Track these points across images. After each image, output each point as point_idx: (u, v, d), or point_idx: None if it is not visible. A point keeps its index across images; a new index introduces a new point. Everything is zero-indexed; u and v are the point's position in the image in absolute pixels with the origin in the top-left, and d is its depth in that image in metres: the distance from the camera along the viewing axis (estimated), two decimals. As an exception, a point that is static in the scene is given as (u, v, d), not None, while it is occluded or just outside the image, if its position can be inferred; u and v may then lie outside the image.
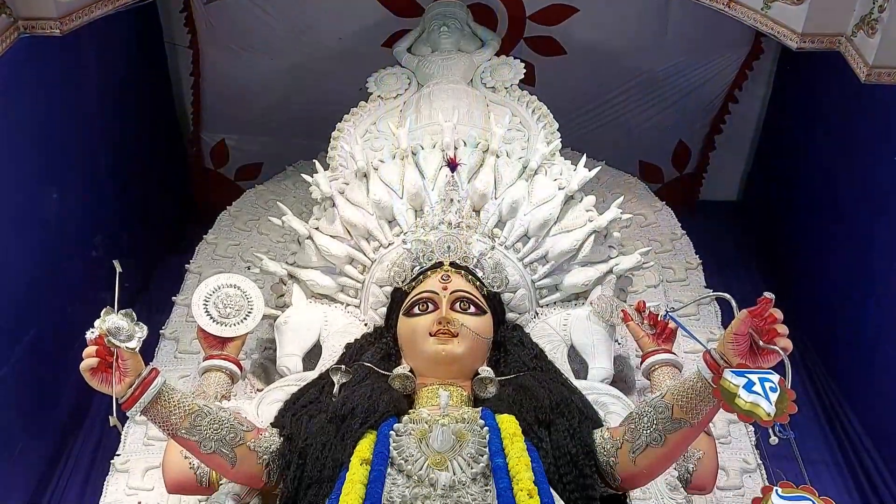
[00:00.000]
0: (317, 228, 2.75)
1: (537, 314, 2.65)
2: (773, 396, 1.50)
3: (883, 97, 2.81)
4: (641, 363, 2.46)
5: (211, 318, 2.47)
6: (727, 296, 1.83)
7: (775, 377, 1.54)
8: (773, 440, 1.49)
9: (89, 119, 3.30)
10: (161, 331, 2.93)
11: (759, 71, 3.95)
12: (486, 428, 1.86)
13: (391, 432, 1.85)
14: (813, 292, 3.49)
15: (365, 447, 1.81)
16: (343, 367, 2.22)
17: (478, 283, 2.39)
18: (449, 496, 1.66)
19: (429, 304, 2.25)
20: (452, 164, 2.67)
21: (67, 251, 3.08)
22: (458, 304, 2.25)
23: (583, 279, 2.67)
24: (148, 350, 2.76)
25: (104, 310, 1.71)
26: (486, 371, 2.19)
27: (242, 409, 2.24)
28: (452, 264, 2.40)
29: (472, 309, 2.26)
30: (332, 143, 3.04)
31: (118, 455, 2.52)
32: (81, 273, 3.13)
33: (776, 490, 1.46)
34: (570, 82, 3.90)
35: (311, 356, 2.58)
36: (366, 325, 2.62)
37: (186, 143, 4.27)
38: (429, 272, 2.39)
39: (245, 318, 2.51)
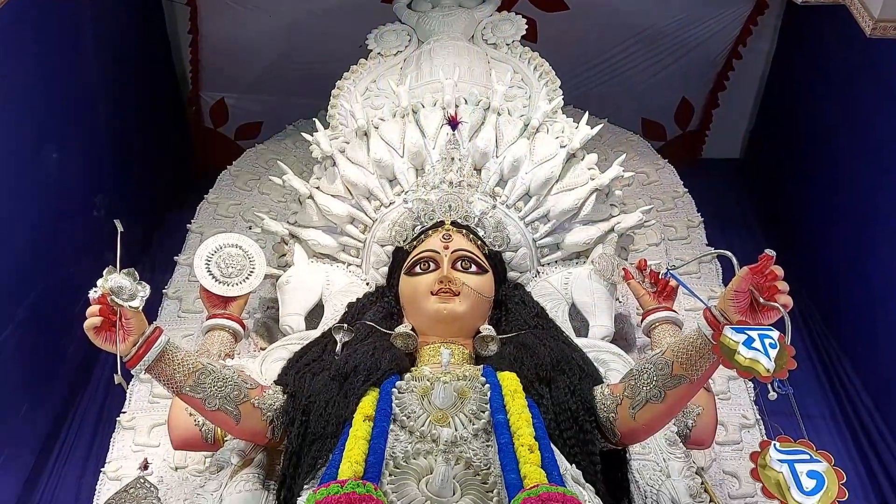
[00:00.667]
0: (317, 188, 2.74)
1: (538, 273, 2.66)
2: (773, 353, 1.50)
3: (888, 51, 2.77)
4: (642, 321, 2.48)
5: (213, 277, 2.48)
6: (728, 253, 1.83)
7: (775, 333, 1.54)
8: (772, 396, 1.50)
9: (87, 78, 3.27)
10: (164, 290, 2.94)
11: (763, 26, 3.89)
12: (488, 385, 1.88)
13: (393, 389, 1.87)
14: (814, 250, 3.49)
15: (368, 404, 1.82)
16: (345, 325, 2.23)
17: (479, 242, 2.39)
18: (451, 451, 1.68)
19: (430, 263, 2.26)
20: (453, 123, 2.65)
21: (69, 211, 3.08)
22: (459, 263, 2.26)
23: (584, 238, 2.67)
24: (151, 310, 2.77)
25: (106, 269, 1.71)
26: (487, 329, 2.20)
27: (246, 367, 2.26)
28: (454, 223, 2.40)
29: (474, 268, 2.26)
30: (332, 101, 3.02)
31: (124, 412, 2.54)
32: (83, 233, 3.13)
33: (774, 444, 1.47)
34: (573, 38, 3.85)
35: (314, 315, 2.60)
36: (367, 284, 2.63)
37: (185, 102, 4.24)
38: (430, 231, 2.39)
39: (247, 278, 2.52)
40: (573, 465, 1.78)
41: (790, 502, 1.40)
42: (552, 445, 1.73)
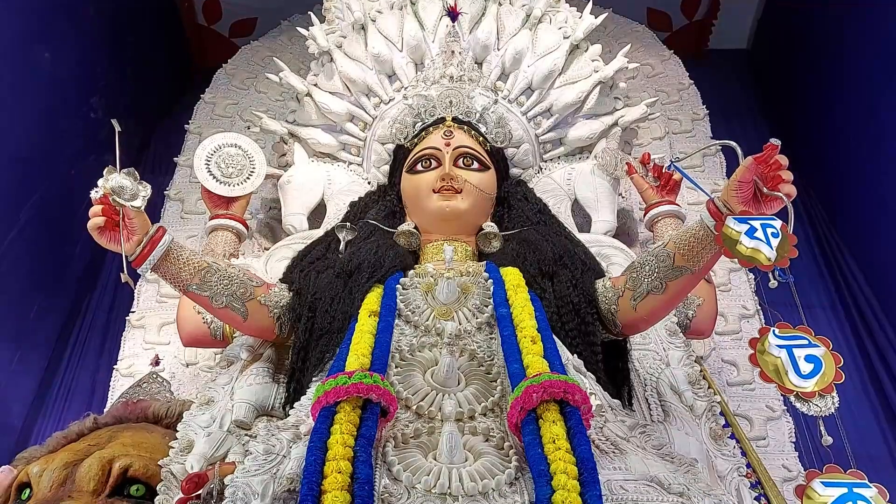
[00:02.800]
0: (315, 85, 2.69)
1: (541, 169, 2.64)
2: (775, 242, 1.50)
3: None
4: (644, 215, 2.47)
5: (214, 178, 2.46)
6: (733, 143, 1.81)
7: (777, 223, 1.54)
8: (773, 284, 1.50)
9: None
10: (165, 192, 2.93)
11: None
12: (491, 280, 1.89)
13: (397, 286, 1.89)
14: (818, 140, 3.46)
15: (373, 300, 1.84)
16: (348, 224, 2.23)
17: (481, 138, 2.36)
18: (455, 344, 1.71)
19: (431, 160, 2.24)
20: (453, 14, 2.58)
21: (66, 113, 3.04)
22: (461, 159, 2.24)
23: (587, 132, 2.64)
24: (153, 211, 2.77)
25: (107, 169, 1.69)
26: (489, 226, 2.20)
27: (251, 266, 2.28)
28: (455, 119, 2.37)
29: (476, 165, 2.24)
30: (328, -7, 2.92)
31: (133, 312, 2.59)
32: (82, 135, 3.10)
33: (773, 330, 1.50)
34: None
35: (317, 215, 2.60)
36: (369, 183, 2.62)
37: (177, -1, 4.11)
38: (431, 128, 2.36)
39: (248, 178, 2.50)
40: (574, 355, 1.81)
41: (787, 386, 1.44)
42: (554, 337, 1.76)
